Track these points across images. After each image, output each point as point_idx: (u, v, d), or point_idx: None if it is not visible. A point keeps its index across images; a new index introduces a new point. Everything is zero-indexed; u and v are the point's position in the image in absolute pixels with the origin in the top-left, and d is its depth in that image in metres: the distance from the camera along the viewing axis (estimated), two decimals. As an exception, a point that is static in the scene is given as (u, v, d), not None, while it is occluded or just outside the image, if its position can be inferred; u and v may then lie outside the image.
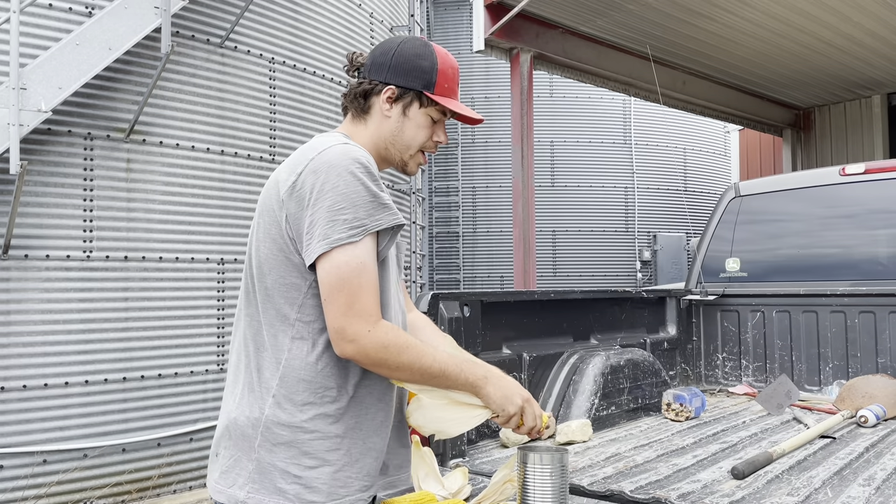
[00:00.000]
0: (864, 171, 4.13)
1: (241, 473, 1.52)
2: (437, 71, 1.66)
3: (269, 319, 1.54)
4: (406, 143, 1.68)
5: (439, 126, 1.71)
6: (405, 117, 1.67)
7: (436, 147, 1.73)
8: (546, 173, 10.84)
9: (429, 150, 1.72)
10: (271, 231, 1.54)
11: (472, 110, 1.73)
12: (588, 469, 2.57)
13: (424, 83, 1.65)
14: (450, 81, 1.68)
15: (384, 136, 1.68)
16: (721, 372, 4.46)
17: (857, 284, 4.06)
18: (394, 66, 1.66)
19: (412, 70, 1.65)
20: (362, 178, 1.50)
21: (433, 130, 1.70)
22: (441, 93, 1.66)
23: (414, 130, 1.67)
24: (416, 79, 1.65)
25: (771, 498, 2.20)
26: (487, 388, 1.59)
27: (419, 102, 1.66)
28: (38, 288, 4.52)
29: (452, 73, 1.70)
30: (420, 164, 1.73)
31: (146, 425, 4.89)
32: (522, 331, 3.31)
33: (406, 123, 1.67)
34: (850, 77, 8.95)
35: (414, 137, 1.68)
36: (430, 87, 1.65)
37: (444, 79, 1.67)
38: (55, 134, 4.61)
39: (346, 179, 1.48)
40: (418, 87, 1.65)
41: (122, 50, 4.60)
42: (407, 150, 1.69)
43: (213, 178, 5.32)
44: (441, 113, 1.69)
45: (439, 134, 1.71)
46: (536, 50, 6.92)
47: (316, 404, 1.51)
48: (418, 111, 1.67)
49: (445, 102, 1.66)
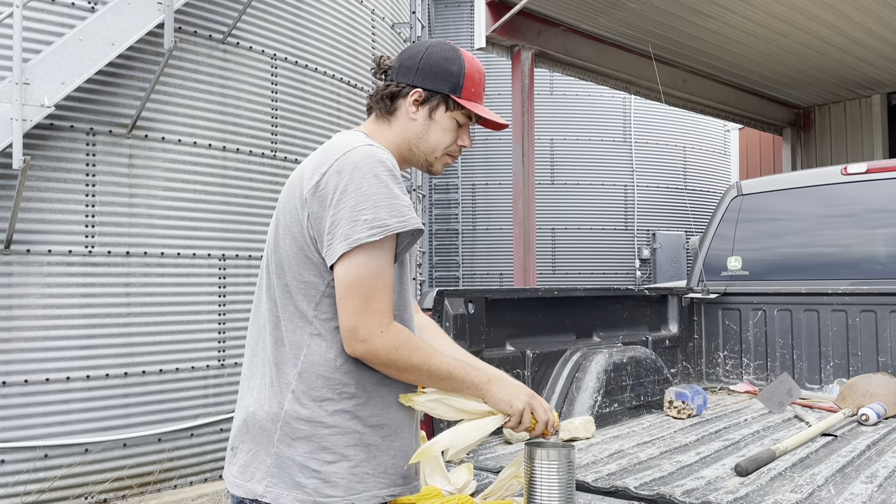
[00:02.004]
0: (865, 170, 4.14)
1: (260, 468, 1.53)
2: (465, 75, 1.67)
3: (289, 315, 1.55)
4: (431, 145, 1.69)
5: (464, 130, 1.72)
6: (431, 120, 1.68)
7: (460, 151, 1.73)
8: (546, 171, 10.85)
9: (453, 153, 1.72)
10: (292, 229, 1.55)
11: (497, 115, 1.73)
12: (592, 465, 2.58)
13: (452, 87, 1.66)
14: (477, 86, 1.70)
15: (408, 137, 1.68)
16: (722, 370, 4.48)
17: (859, 283, 4.07)
18: (422, 70, 1.67)
19: (440, 74, 1.66)
20: (386, 180, 1.51)
21: (458, 134, 1.71)
22: (468, 97, 1.68)
23: (440, 134, 1.68)
24: (444, 82, 1.66)
25: (774, 495, 2.21)
26: (492, 388, 1.62)
27: (445, 106, 1.67)
28: (40, 283, 4.52)
29: (479, 77, 1.71)
30: (447, 164, 1.74)
31: (147, 420, 4.89)
32: (526, 328, 3.32)
33: (432, 126, 1.68)
34: (850, 76, 8.97)
35: (440, 141, 1.69)
36: (458, 90, 1.67)
37: (471, 83, 1.68)
38: (58, 129, 4.60)
39: (370, 181, 1.49)
40: (446, 90, 1.66)
41: (124, 45, 4.60)
42: (432, 152, 1.70)
43: (215, 174, 5.32)
44: (467, 117, 1.70)
45: (464, 138, 1.72)
46: (538, 48, 6.91)
47: (335, 400, 1.52)
48: (444, 115, 1.68)
49: (472, 107, 1.67)
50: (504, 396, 1.62)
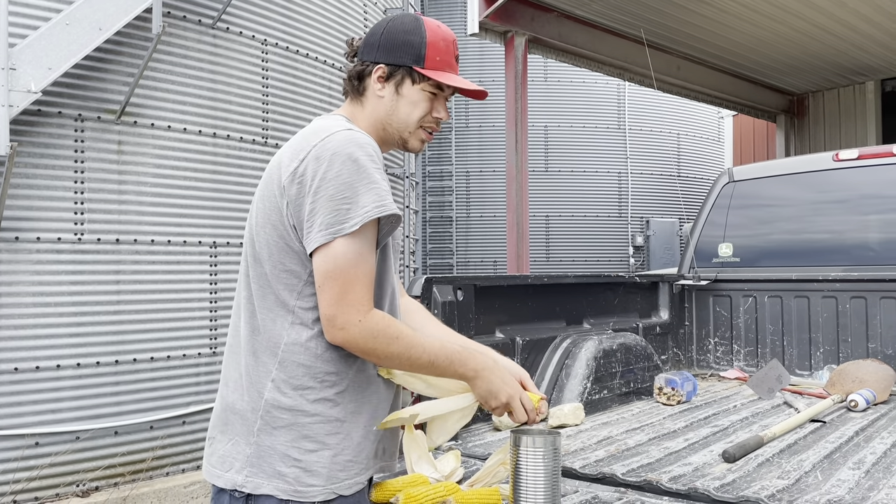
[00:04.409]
0: (857, 156, 4.14)
1: (239, 457, 1.51)
2: (427, 44, 1.60)
3: (268, 304, 1.53)
4: (402, 121, 1.63)
5: (439, 101, 1.66)
6: (398, 95, 1.62)
7: (437, 123, 1.67)
8: (540, 158, 10.82)
9: (428, 127, 1.66)
10: (272, 217, 1.53)
11: (470, 82, 1.66)
12: (580, 452, 2.58)
13: (414, 58, 1.60)
14: (442, 54, 1.62)
15: (380, 116, 1.64)
16: (713, 356, 4.49)
17: (849, 270, 4.08)
18: (383, 44, 1.62)
19: (401, 46, 1.61)
20: (366, 165, 1.48)
21: (432, 106, 1.65)
22: (433, 66, 1.61)
23: (409, 108, 1.63)
24: (406, 54, 1.61)
25: (761, 481, 2.22)
26: (476, 381, 1.60)
27: (411, 79, 1.61)
28: (29, 270, 4.49)
29: (445, 45, 1.63)
30: (423, 140, 1.67)
31: (139, 408, 4.88)
32: (516, 315, 3.31)
33: (400, 101, 1.62)
34: (844, 63, 8.95)
35: (410, 115, 1.63)
36: (421, 61, 1.60)
37: (435, 52, 1.61)
38: (45, 115, 4.56)
39: (349, 167, 1.46)
40: (408, 62, 1.60)
41: (112, 30, 4.54)
42: (405, 128, 1.64)
43: (206, 160, 5.29)
44: (437, 88, 1.63)
45: (439, 110, 1.66)
46: (531, 33, 6.87)
47: (316, 388, 1.51)
48: (411, 88, 1.62)
49: (437, 76, 1.60)
50: (482, 393, 1.61)
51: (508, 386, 1.63)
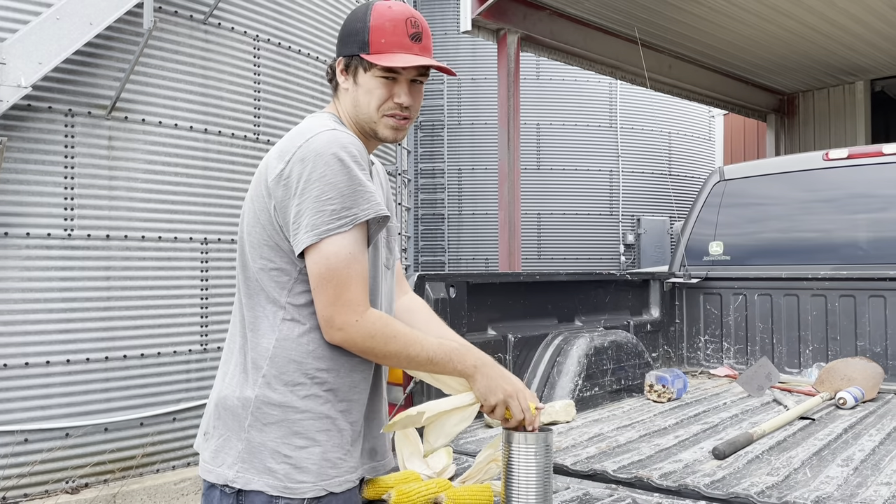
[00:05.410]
0: (846, 156, 4.16)
1: (230, 453, 1.52)
2: (370, 29, 1.57)
3: (260, 301, 1.53)
4: (364, 111, 1.61)
5: (399, 85, 1.60)
6: (357, 85, 1.61)
7: (401, 109, 1.61)
8: (532, 156, 10.83)
9: (391, 113, 1.61)
10: (261, 217, 1.54)
11: (420, 58, 1.58)
12: (571, 449, 2.59)
13: (360, 45, 1.58)
14: (387, 35, 1.57)
15: (349, 109, 1.64)
16: (703, 354, 4.51)
17: (838, 268, 4.10)
18: (340, 38, 1.64)
19: (349, 35, 1.61)
20: (350, 165, 1.48)
21: (391, 91, 1.60)
22: (378, 50, 1.57)
23: (367, 97, 1.60)
24: (353, 43, 1.60)
25: (751, 478, 2.23)
26: (476, 376, 1.61)
27: (362, 67, 1.59)
28: (19, 266, 4.47)
29: (393, 25, 1.58)
30: (393, 127, 1.62)
31: (129, 405, 4.86)
32: (507, 312, 3.32)
33: (358, 91, 1.61)
34: (834, 62, 8.99)
35: (368, 104, 1.60)
36: (365, 47, 1.58)
37: (379, 34, 1.57)
38: (35, 110, 4.53)
39: (333, 168, 1.46)
40: (356, 51, 1.59)
41: (103, 25, 4.52)
42: (369, 118, 1.62)
43: (197, 156, 5.27)
44: (390, 71, 1.58)
45: (400, 94, 1.60)
46: (524, 31, 6.87)
47: (307, 385, 1.51)
48: (365, 76, 1.60)
49: (379, 59, 1.56)
50: (482, 389, 1.62)
51: (507, 382, 1.64)
